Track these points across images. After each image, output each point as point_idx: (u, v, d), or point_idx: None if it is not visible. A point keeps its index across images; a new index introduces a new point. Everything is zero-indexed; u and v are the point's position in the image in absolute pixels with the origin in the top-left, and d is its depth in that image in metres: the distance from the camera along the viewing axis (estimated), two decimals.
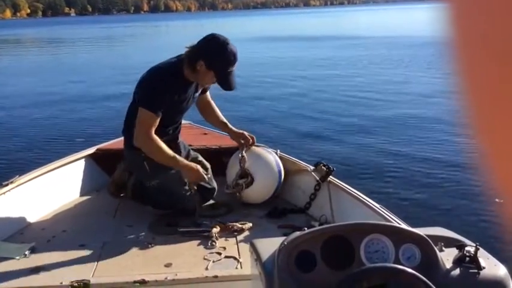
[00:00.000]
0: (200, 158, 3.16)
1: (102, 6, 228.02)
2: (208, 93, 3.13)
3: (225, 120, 3.17)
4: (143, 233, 2.70)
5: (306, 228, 1.69)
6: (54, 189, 3.12)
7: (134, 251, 2.52)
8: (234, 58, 2.68)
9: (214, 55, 2.66)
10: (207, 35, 2.73)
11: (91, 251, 2.50)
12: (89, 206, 3.14)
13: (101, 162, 3.44)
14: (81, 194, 3.28)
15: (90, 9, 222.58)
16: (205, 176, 2.81)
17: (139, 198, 3.01)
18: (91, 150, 3.48)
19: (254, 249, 1.70)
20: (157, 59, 2.90)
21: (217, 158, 3.29)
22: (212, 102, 3.16)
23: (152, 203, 2.97)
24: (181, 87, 2.78)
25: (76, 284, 2.16)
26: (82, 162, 3.39)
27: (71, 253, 2.48)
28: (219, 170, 3.22)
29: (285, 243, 1.59)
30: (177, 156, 2.76)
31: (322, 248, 1.59)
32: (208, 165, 3.13)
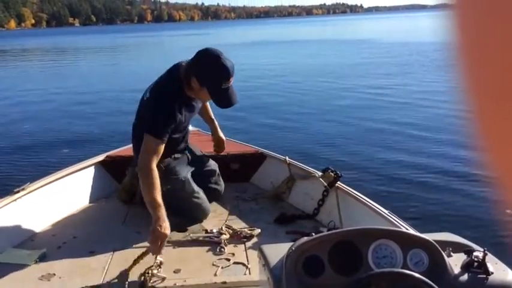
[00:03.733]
0: (207, 158, 3.19)
1: (106, 16, 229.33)
2: (210, 109, 3.21)
3: (213, 117, 3.23)
4: None
5: (313, 234, 1.70)
6: (64, 196, 3.15)
7: (143, 257, 2.54)
8: (227, 73, 2.54)
9: (205, 71, 2.56)
10: (200, 50, 2.63)
11: (101, 258, 2.52)
12: (99, 212, 3.17)
13: (110, 169, 3.48)
14: (91, 201, 3.30)
15: (94, 19, 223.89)
16: (162, 248, 2.40)
17: None
18: (101, 157, 3.52)
19: (262, 255, 1.71)
20: (162, 67, 2.91)
21: (225, 164, 3.31)
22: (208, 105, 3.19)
23: None
24: (186, 105, 2.74)
25: None
26: (92, 169, 3.42)
27: (81, 259, 2.51)
28: (227, 177, 3.25)
29: (293, 248, 1.59)
30: (160, 207, 2.47)
31: (330, 253, 1.60)
32: (216, 166, 3.16)
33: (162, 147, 2.60)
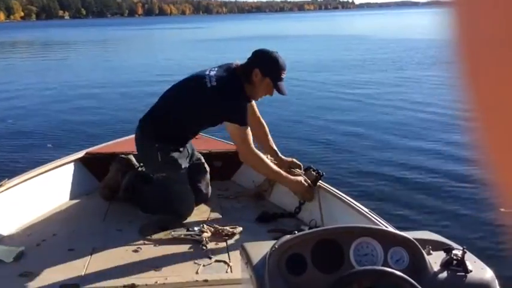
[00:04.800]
0: (203, 160, 3.19)
1: (96, 9, 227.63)
2: (258, 113, 3.20)
3: (275, 147, 3.21)
4: (133, 237, 2.69)
5: (296, 232, 1.70)
6: (43, 193, 3.10)
7: (124, 255, 2.51)
8: (284, 66, 2.88)
9: (268, 62, 2.85)
10: (255, 50, 2.94)
11: (80, 255, 2.49)
12: (79, 209, 3.12)
13: (90, 166, 3.43)
14: (71, 198, 3.26)
15: (84, 12, 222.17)
16: (310, 190, 2.87)
17: (131, 198, 3.02)
18: (80, 154, 3.47)
19: (245, 253, 1.71)
20: (152, 62, 2.90)
21: (207, 162, 3.28)
22: (265, 124, 3.22)
23: (143, 204, 2.98)
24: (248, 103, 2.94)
25: None
26: (71, 166, 3.38)
27: (60, 257, 2.47)
28: (210, 174, 3.23)
29: (276, 246, 1.59)
30: (281, 171, 2.89)
31: (313, 251, 1.60)
32: (208, 168, 3.18)
33: (249, 130, 2.82)
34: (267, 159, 2.87)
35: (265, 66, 2.84)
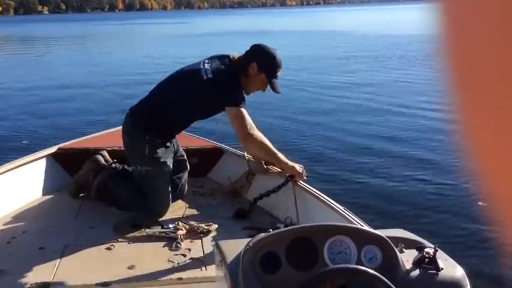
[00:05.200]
0: (185, 157, 3.17)
1: (75, 4, 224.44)
2: None
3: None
4: (106, 235, 2.64)
5: (271, 230, 1.70)
6: (14, 189, 3.03)
7: (96, 253, 2.47)
8: (280, 64, 2.91)
9: (266, 57, 2.88)
10: (254, 44, 2.96)
11: (52, 253, 2.43)
12: (50, 206, 3.06)
13: (62, 161, 3.36)
14: (42, 194, 3.19)
15: (63, 7, 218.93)
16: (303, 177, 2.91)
17: (104, 198, 2.97)
18: (52, 149, 3.39)
19: (219, 251, 1.70)
20: (131, 58, 2.87)
21: None
22: None
23: (117, 201, 2.93)
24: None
25: (36, 287, 2.11)
26: (43, 162, 3.30)
27: (30, 255, 2.41)
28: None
29: (250, 244, 1.59)
30: (282, 155, 2.89)
31: (287, 249, 1.60)
32: (188, 166, 3.16)
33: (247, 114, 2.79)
34: (265, 138, 2.83)
35: (263, 61, 2.86)
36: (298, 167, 2.89)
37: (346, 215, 2.42)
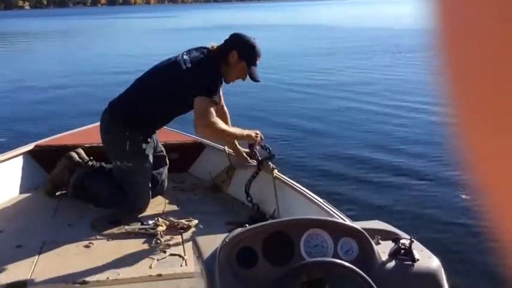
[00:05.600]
0: (164, 152, 3.15)
1: None
2: (223, 101, 3.15)
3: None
4: (84, 232, 2.61)
5: (247, 225, 1.70)
6: None
7: (75, 250, 2.44)
8: (260, 52, 2.94)
9: (246, 46, 2.90)
10: (234, 33, 2.99)
11: (29, 252, 2.40)
12: (28, 204, 3.01)
13: (39, 159, 3.31)
14: (20, 193, 3.14)
15: (45, 2, 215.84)
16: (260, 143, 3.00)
17: (81, 196, 2.93)
18: (29, 147, 3.34)
19: (196, 247, 1.70)
20: (112, 53, 2.83)
21: None
22: (227, 113, 3.20)
23: (95, 198, 2.90)
24: (221, 84, 2.92)
25: (13, 285, 2.08)
26: (20, 159, 3.25)
27: (7, 254, 2.38)
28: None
29: (227, 240, 1.59)
30: (237, 130, 2.95)
31: (264, 244, 1.60)
32: (168, 162, 3.13)
33: (212, 104, 2.78)
34: (222, 126, 2.81)
35: (243, 49, 2.88)
36: (254, 134, 2.95)
37: (326, 208, 2.43)
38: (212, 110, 2.76)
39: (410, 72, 11.32)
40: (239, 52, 2.86)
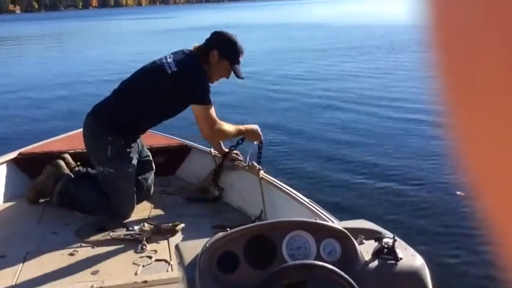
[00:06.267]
0: (151, 157, 3.11)
1: (48, 2, 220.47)
2: None
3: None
4: (69, 240, 2.58)
5: (228, 229, 1.68)
6: None
7: (59, 259, 2.40)
8: (242, 49, 2.90)
9: (227, 44, 2.86)
10: (215, 31, 2.95)
11: (13, 261, 2.36)
12: (12, 213, 2.96)
13: (23, 166, 3.26)
14: (3, 201, 3.09)
15: (36, 6, 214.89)
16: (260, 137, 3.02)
17: (66, 203, 2.89)
18: (13, 155, 3.29)
19: (178, 253, 1.68)
20: (102, 56, 2.78)
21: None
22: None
23: (81, 205, 2.87)
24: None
25: None
26: (3, 168, 3.20)
27: None
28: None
29: (207, 245, 1.57)
30: (239, 127, 2.99)
31: (245, 248, 1.59)
32: (154, 167, 3.09)
33: (212, 109, 2.83)
34: (228, 128, 2.90)
35: (223, 48, 2.84)
36: (255, 130, 2.99)
37: (312, 208, 2.41)
38: (214, 114, 2.82)
39: (402, 72, 11.25)
40: (220, 51, 2.82)
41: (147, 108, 2.84)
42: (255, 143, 3.03)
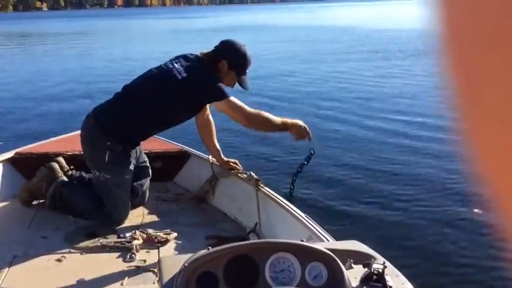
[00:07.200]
0: (147, 163, 3.04)
1: (74, 0, 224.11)
2: (209, 109, 3.07)
3: (218, 147, 3.10)
4: (58, 245, 2.52)
5: (210, 247, 1.61)
6: None
7: (46, 265, 2.35)
8: (250, 61, 2.89)
9: (236, 55, 2.84)
10: (224, 40, 2.93)
11: None
12: (4, 214, 2.92)
13: (19, 167, 3.22)
14: None
15: (62, 3, 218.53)
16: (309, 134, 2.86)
17: (59, 206, 2.84)
18: (9, 155, 3.25)
19: (159, 268, 1.62)
20: (119, 57, 2.69)
21: (148, 162, 3.12)
22: (213, 122, 3.13)
23: (73, 210, 2.81)
24: None
25: None
26: None
27: None
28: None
29: (186, 264, 1.50)
30: (284, 118, 2.85)
31: (226, 269, 1.52)
32: (150, 173, 3.02)
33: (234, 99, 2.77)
34: (265, 114, 2.79)
35: (233, 58, 2.81)
36: (302, 125, 2.82)
37: (307, 224, 2.32)
38: (238, 101, 2.75)
39: (400, 79, 10.87)
40: (229, 61, 2.80)
41: (151, 113, 2.76)
42: (308, 146, 2.90)
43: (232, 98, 2.74)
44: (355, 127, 6.88)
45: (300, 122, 2.83)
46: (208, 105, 2.97)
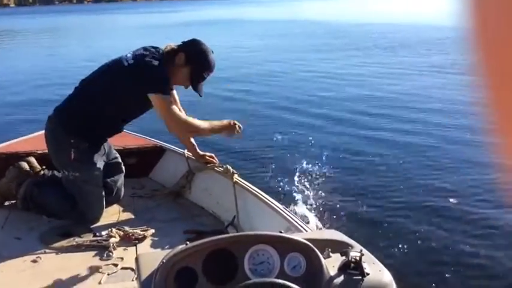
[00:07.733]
0: (119, 159, 3.00)
1: None
2: (179, 105, 2.99)
3: (194, 141, 3.03)
4: (33, 246, 2.47)
5: (188, 242, 1.60)
6: None
7: (21, 266, 2.30)
8: (212, 67, 2.77)
9: (197, 53, 2.74)
10: (195, 38, 2.84)
11: None
12: None
13: None
14: None
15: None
16: (239, 131, 2.87)
17: (31, 207, 2.78)
18: None
19: (137, 265, 1.61)
20: (89, 52, 2.63)
21: (122, 158, 3.08)
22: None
23: (46, 209, 2.76)
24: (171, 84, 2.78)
25: None
26: None
27: None
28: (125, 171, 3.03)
29: (164, 260, 1.49)
30: (213, 122, 2.83)
31: (205, 263, 1.52)
32: (123, 169, 2.98)
33: (172, 101, 2.71)
34: (195, 121, 2.74)
35: (192, 54, 2.72)
36: (231, 124, 2.82)
37: (285, 214, 2.34)
38: (175, 107, 2.67)
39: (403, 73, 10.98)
40: (187, 55, 2.71)
41: (108, 107, 2.71)
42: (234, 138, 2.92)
43: (169, 98, 2.64)
44: (330, 120, 6.93)
45: (230, 122, 2.83)
46: (178, 99, 2.94)
